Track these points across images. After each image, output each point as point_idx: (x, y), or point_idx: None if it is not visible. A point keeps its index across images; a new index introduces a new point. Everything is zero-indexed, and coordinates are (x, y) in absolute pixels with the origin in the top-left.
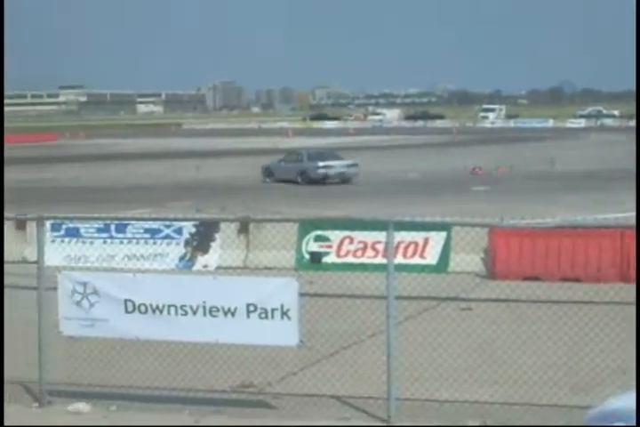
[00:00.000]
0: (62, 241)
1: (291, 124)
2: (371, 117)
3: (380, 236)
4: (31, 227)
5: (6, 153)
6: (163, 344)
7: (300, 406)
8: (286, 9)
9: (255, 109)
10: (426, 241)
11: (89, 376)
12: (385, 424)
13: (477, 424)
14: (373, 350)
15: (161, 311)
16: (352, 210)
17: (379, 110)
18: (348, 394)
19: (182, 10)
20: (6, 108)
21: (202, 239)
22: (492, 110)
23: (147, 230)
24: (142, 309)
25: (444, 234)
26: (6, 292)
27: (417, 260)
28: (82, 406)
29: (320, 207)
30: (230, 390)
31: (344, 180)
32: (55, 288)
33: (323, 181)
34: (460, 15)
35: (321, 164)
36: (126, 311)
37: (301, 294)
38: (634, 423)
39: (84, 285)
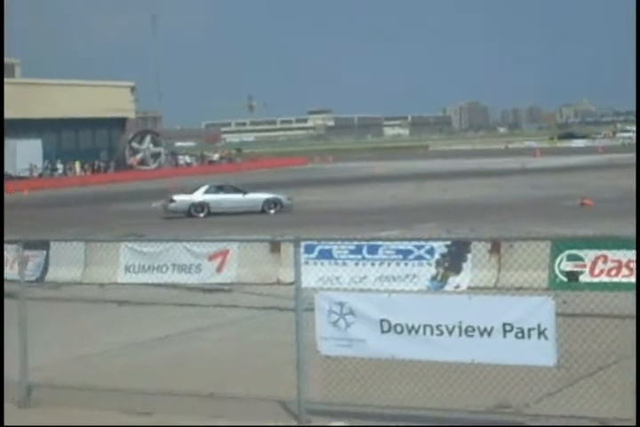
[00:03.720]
0: (315, 263)
1: (538, 143)
2: (620, 135)
3: (635, 254)
4: (286, 249)
5: (261, 177)
6: (418, 364)
7: None
8: (528, 28)
9: (501, 130)
10: None
11: (346, 395)
12: None
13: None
14: (632, 370)
15: (417, 331)
16: (603, 229)
17: (628, 127)
18: (607, 416)
19: (421, 33)
20: (258, 134)
21: (453, 260)
22: None
23: (398, 251)
24: (398, 329)
25: None
26: (264, 313)
27: None
28: (340, 424)
29: (572, 226)
30: (487, 411)
31: None
32: (310, 309)
33: None
34: None
35: None
36: (382, 331)
37: (557, 314)
38: None
39: (341, 305)
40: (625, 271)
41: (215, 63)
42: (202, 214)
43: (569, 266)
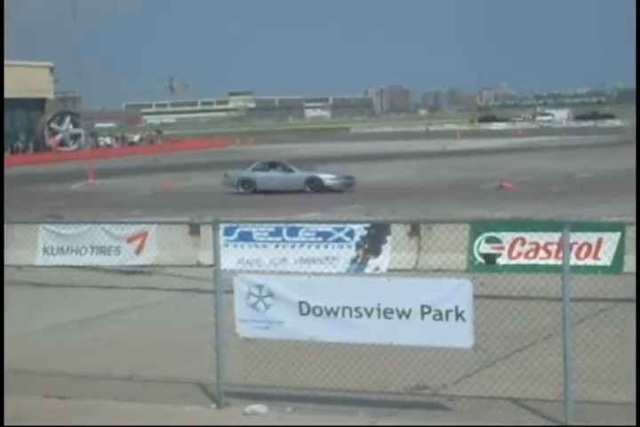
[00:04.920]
0: (235, 245)
1: (458, 126)
2: (539, 118)
3: (552, 237)
4: (205, 231)
5: (180, 159)
6: (337, 346)
7: (476, 409)
8: (451, 12)
9: (422, 112)
10: (599, 242)
11: (265, 378)
12: None
13: None
14: (549, 351)
15: (335, 313)
16: (521, 211)
17: (547, 111)
18: (524, 396)
19: (345, 15)
20: (179, 115)
21: (373, 242)
22: None
23: (318, 234)
24: (317, 311)
25: (618, 234)
26: (183, 295)
27: (591, 261)
28: (258, 407)
29: (490, 209)
30: (405, 392)
31: None
32: (231, 291)
33: None
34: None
35: None
36: (301, 313)
37: (474, 296)
38: None
39: (260, 287)
40: (542, 253)
41: (136, 44)
42: (248, 191)
43: (487, 248)
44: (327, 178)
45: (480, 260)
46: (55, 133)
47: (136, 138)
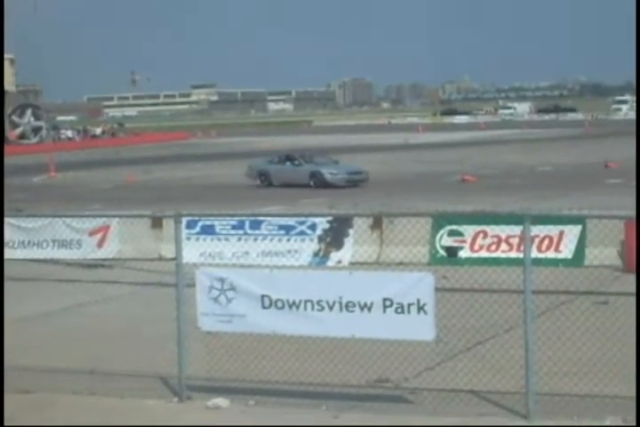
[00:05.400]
0: (198, 238)
1: (421, 119)
2: (501, 111)
3: (514, 230)
4: (167, 224)
5: (142, 152)
6: (299, 339)
7: (437, 402)
8: (414, 5)
9: (385, 105)
10: (561, 235)
11: (227, 371)
12: (524, 422)
13: (619, 424)
14: (510, 344)
15: (297, 307)
16: (483, 204)
17: (509, 104)
18: (485, 389)
19: (309, 7)
20: (141, 108)
21: (335, 235)
22: (625, 102)
23: (281, 227)
24: (279, 304)
25: (579, 227)
26: (146, 289)
27: (552, 254)
28: (221, 401)
29: (452, 202)
30: (367, 385)
31: None
32: (193, 285)
33: None
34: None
35: None
36: (263, 307)
37: (436, 289)
38: None
39: (222, 281)
40: (504, 246)
41: (98, 36)
42: (264, 184)
43: (449, 241)
44: (327, 173)
45: (442, 253)
46: (16, 126)
47: (98, 131)
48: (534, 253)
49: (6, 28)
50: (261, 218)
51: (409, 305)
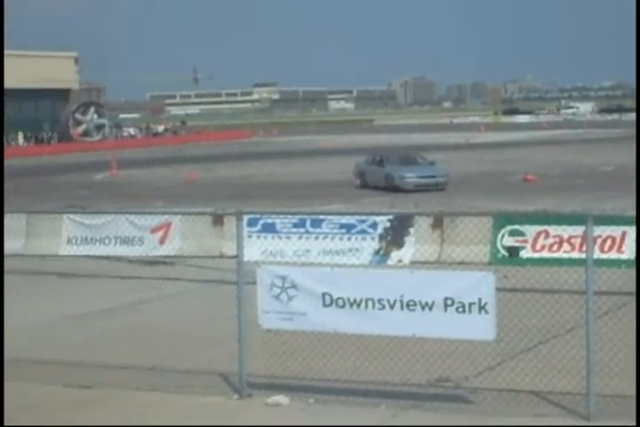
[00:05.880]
0: (259, 236)
1: (482, 118)
2: (564, 111)
3: (576, 230)
4: (229, 222)
5: (204, 150)
6: (360, 338)
7: (498, 402)
8: (477, 4)
9: (446, 104)
10: (623, 235)
11: (288, 369)
12: (585, 423)
13: None
14: (572, 344)
15: (358, 305)
16: (545, 204)
17: (572, 104)
18: (546, 389)
19: (370, 7)
20: (203, 107)
21: (396, 234)
22: None
23: (342, 225)
24: (340, 302)
25: None
26: (207, 286)
27: (614, 254)
28: (281, 398)
29: (514, 202)
30: (427, 385)
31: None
32: (254, 282)
33: None
34: None
35: None
36: (324, 305)
37: (497, 289)
38: None
39: (283, 279)
40: (566, 247)
41: (161, 35)
42: (361, 184)
43: (510, 241)
44: (397, 176)
45: (503, 253)
46: (79, 124)
47: (160, 129)
48: (596, 254)
49: (71, 27)
50: (322, 217)
51: (470, 304)
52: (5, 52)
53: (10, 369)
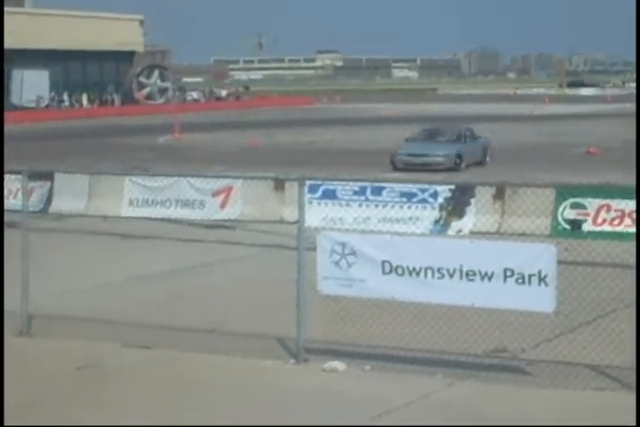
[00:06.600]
0: (319, 203)
1: (547, 90)
2: (629, 84)
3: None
4: (290, 187)
5: (266, 115)
6: (418, 306)
7: (555, 374)
8: None
9: (510, 75)
10: None
11: (345, 335)
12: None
13: None
14: (631, 319)
15: (418, 274)
16: (607, 178)
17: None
18: (603, 364)
19: None
20: (266, 72)
21: (457, 204)
22: None
23: (402, 194)
24: (399, 270)
25: None
26: (267, 251)
27: None
28: (337, 364)
29: (576, 174)
30: (484, 355)
31: None
32: (314, 248)
33: None
34: None
35: None
36: (383, 272)
37: (558, 262)
38: None
39: (343, 245)
40: (627, 221)
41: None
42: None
43: (572, 214)
44: (395, 153)
45: (564, 225)
46: (143, 87)
47: (223, 93)
48: None
49: None
50: (384, 184)
51: (530, 276)
52: (72, 13)
53: (71, 327)
